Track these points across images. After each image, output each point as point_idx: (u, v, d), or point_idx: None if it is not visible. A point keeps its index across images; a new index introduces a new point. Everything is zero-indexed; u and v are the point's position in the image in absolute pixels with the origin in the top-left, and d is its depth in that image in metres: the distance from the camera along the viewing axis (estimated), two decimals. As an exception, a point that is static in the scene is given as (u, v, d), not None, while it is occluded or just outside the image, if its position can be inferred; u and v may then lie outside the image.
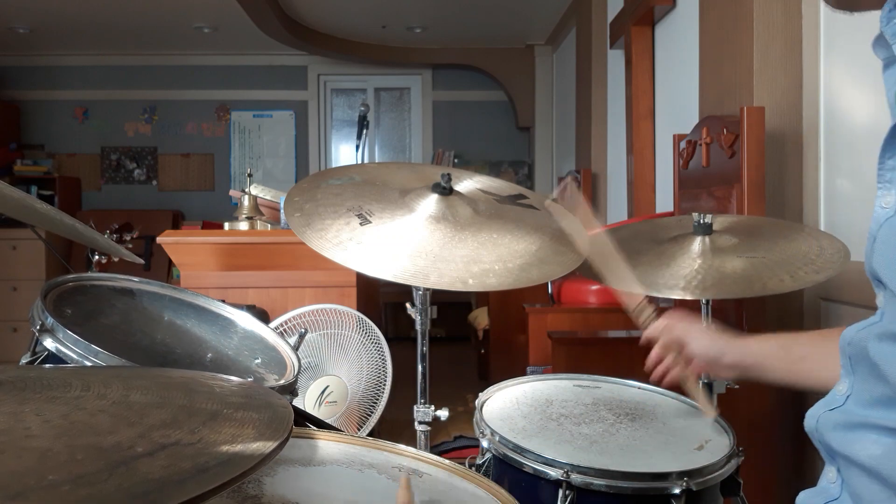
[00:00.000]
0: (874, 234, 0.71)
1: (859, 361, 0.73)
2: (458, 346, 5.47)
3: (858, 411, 0.71)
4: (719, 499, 1.01)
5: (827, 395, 0.78)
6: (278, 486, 0.75)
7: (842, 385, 0.76)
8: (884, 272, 0.68)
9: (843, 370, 0.76)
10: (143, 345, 1.07)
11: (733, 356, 1.03)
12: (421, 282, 1.07)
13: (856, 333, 0.74)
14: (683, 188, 2.55)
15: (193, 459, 0.39)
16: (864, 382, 0.72)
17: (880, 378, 0.68)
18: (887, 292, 0.69)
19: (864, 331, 0.72)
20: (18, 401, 0.44)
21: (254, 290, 2.31)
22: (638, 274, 1.36)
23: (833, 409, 0.75)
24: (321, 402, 1.93)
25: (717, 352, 1.04)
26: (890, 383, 0.66)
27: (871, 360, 0.69)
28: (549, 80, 6.20)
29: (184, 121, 6.49)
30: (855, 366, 0.74)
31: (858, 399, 0.72)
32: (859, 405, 0.72)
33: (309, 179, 1.31)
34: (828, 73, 2.06)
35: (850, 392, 0.74)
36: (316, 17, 5.51)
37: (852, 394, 0.74)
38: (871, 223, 0.73)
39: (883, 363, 0.67)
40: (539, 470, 0.95)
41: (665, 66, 3.35)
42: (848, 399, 0.74)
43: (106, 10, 5.14)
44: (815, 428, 0.77)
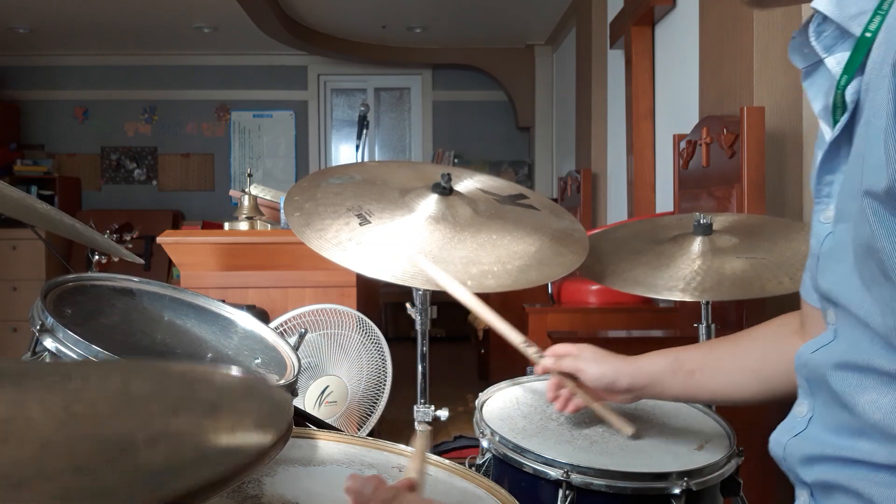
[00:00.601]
0: (817, 252, 0.70)
1: (819, 386, 0.70)
2: (458, 346, 5.47)
3: (826, 438, 0.68)
4: (719, 499, 1.01)
5: (787, 418, 0.75)
6: (278, 486, 0.75)
7: (801, 406, 0.74)
8: (835, 290, 0.66)
9: (801, 391, 0.74)
10: (143, 345, 1.07)
11: (627, 380, 0.99)
12: (420, 283, 1.07)
13: (810, 356, 0.71)
14: (683, 188, 2.55)
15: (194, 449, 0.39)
16: (826, 407, 0.69)
17: (844, 407, 0.65)
18: (839, 310, 0.67)
19: (819, 354, 0.70)
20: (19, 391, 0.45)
21: (254, 290, 2.31)
22: (637, 275, 1.36)
23: (798, 435, 0.72)
24: (321, 402, 1.93)
25: (610, 378, 0.99)
26: (857, 415, 0.64)
27: (833, 390, 0.67)
28: (549, 80, 6.20)
29: (184, 121, 6.49)
30: (814, 390, 0.71)
31: (823, 423, 0.70)
32: (826, 430, 0.69)
33: (309, 178, 1.31)
34: (828, 74, 2.06)
35: (812, 414, 0.72)
36: (316, 17, 5.51)
37: (814, 416, 0.71)
38: (812, 240, 0.72)
39: (847, 395, 0.65)
40: (539, 470, 0.95)
41: (665, 66, 3.35)
42: (811, 422, 0.72)
43: (106, 10, 5.14)
44: (782, 457, 0.74)
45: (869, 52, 0.59)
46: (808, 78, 0.71)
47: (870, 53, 0.59)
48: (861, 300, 0.62)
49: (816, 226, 0.70)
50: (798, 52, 0.70)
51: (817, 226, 0.70)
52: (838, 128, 0.63)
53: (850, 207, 0.62)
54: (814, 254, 0.71)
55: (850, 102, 0.62)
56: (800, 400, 0.74)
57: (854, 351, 0.64)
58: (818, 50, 0.64)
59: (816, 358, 0.70)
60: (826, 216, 0.68)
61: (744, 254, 1.35)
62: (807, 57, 0.70)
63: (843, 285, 0.65)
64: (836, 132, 0.63)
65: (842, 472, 0.65)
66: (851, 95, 0.61)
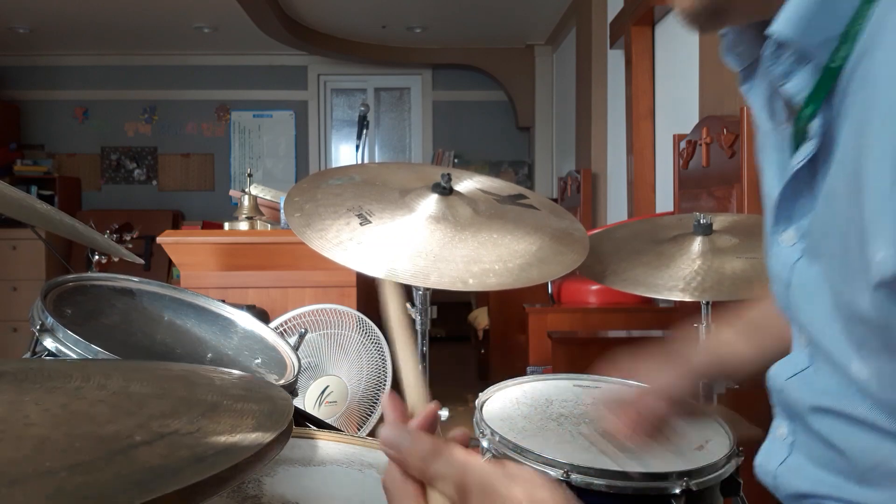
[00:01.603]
0: (786, 280, 0.64)
1: (797, 417, 0.66)
2: (458, 346, 5.47)
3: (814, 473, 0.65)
4: (719, 499, 1.01)
5: (768, 440, 0.71)
6: (278, 486, 0.75)
7: (781, 428, 0.69)
8: (813, 330, 0.61)
9: (778, 411, 0.70)
10: (143, 345, 1.07)
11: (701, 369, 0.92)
12: (421, 282, 1.07)
13: (785, 383, 0.67)
14: (683, 188, 2.55)
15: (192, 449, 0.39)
16: (807, 437, 0.65)
17: (831, 447, 0.62)
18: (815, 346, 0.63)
19: (795, 383, 0.66)
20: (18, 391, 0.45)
21: (254, 290, 2.31)
22: (637, 275, 1.36)
23: (784, 464, 0.68)
24: (321, 402, 1.93)
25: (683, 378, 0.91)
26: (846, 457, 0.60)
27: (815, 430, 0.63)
28: (549, 80, 6.20)
29: (184, 121, 6.49)
30: (792, 418, 0.68)
31: (807, 454, 0.66)
32: (810, 462, 0.65)
33: (309, 179, 1.31)
34: (828, 74, 2.05)
35: (794, 440, 0.68)
36: (316, 17, 5.51)
37: (795, 442, 0.67)
38: (772, 261, 0.66)
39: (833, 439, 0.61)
40: (539, 470, 0.95)
41: (665, 66, 3.35)
42: (793, 448, 0.68)
43: (106, 10, 5.14)
44: (773, 486, 0.70)
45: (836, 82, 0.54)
46: (746, 81, 0.66)
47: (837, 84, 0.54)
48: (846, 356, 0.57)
49: (776, 247, 0.65)
50: (732, 53, 0.65)
51: (778, 248, 0.65)
52: (802, 158, 0.58)
53: (825, 248, 0.58)
54: (781, 279, 0.65)
55: (817, 136, 0.56)
56: (777, 421, 0.70)
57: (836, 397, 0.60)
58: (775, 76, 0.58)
59: (792, 389, 0.66)
60: (787, 238, 0.63)
61: (744, 254, 1.35)
62: (742, 58, 0.64)
63: (820, 327, 0.60)
64: (801, 162, 0.58)
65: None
66: (818, 129, 0.56)
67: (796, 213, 0.62)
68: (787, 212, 0.63)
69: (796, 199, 0.62)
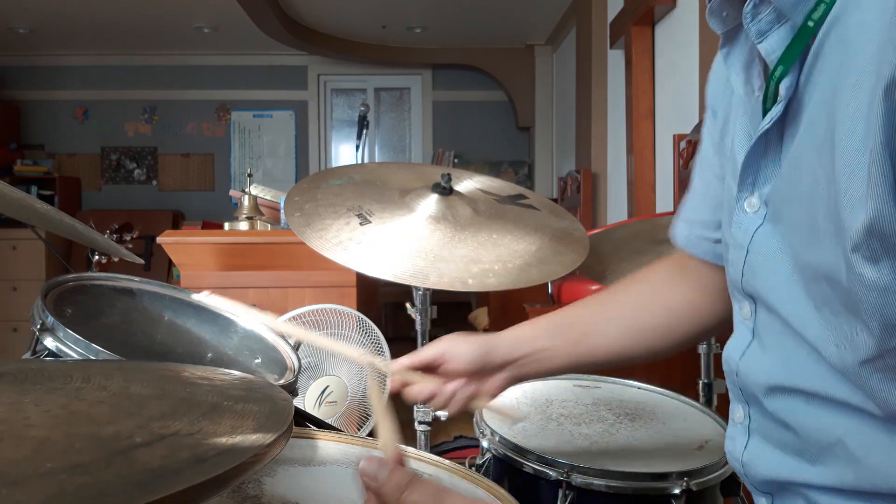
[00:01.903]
0: (744, 245, 0.64)
1: (752, 399, 0.67)
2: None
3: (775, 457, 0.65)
4: (719, 499, 1.01)
5: (729, 425, 0.71)
6: (278, 486, 0.75)
7: (737, 412, 0.70)
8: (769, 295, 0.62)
9: (733, 395, 0.70)
10: (143, 345, 1.07)
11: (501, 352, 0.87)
12: (421, 282, 1.07)
13: (738, 364, 0.67)
14: (683, 188, 2.55)
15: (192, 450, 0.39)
16: (763, 418, 0.66)
17: (785, 427, 0.62)
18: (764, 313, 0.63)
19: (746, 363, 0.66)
20: (18, 391, 0.45)
21: (254, 290, 2.31)
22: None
23: (746, 449, 0.69)
24: (321, 402, 1.93)
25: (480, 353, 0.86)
26: (801, 437, 0.61)
27: (769, 411, 0.63)
28: (549, 80, 6.20)
29: (184, 121, 6.49)
30: (748, 399, 0.68)
31: (766, 437, 0.66)
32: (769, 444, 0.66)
33: (309, 179, 1.31)
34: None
35: (750, 422, 0.68)
36: (316, 17, 5.51)
37: (752, 425, 0.68)
38: (734, 228, 0.66)
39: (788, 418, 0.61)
40: (539, 470, 0.95)
41: (665, 66, 3.35)
42: (751, 432, 0.68)
43: (106, 10, 5.14)
44: (742, 473, 0.70)
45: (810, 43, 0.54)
46: (726, 45, 0.66)
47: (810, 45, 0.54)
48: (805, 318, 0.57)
49: (740, 214, 0.64)
50: (716, 16, 0.65)
51: (741, 214, 0.64)
52: (769, 120, 0.58)
53: (786, 214, 0.58)
54: (739, 245, 0.65)
55: (785, 97, 0.56)
56: (733, 405, 0.70)
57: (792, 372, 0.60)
58: (752, 34, 0.58)
59: (745, 369, 0.66)
60: (751, 204, 0.63)
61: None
62: (726, 21, 0.64)
63: (780, 293, 0.60)
64: (767, 124, 0.59)
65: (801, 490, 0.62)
66: (787, 90, 0.56)
67: (760, 179, 0.62)
68: (752, 177, 0.63)
69: (761, 164, 0.62)
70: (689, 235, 0.85)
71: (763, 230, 0.62)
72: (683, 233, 0.86)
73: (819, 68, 0.54)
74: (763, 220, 0.62)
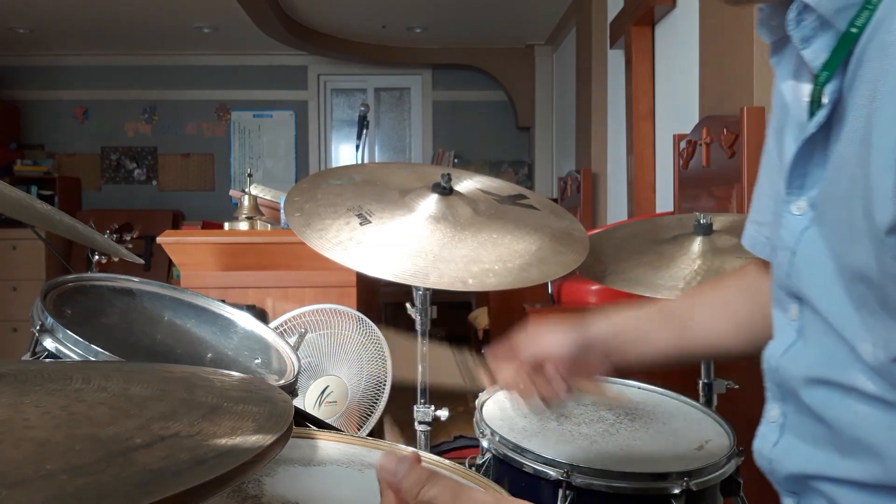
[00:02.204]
0: (791, 247, 0.66)
1: (790, 394, 0.67)
2: (458, 346, 5.46)
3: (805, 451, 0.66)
4: (719, 499, 1.01)
5: (762, 424, 0.72)
6: (278, 486, 0.75)
7: (772, 410, 0.71)
8: (812, 295, 0.63)
9: (770, 393, 0.71)
10: (143, 345, 1.07)
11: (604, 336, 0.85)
12: (421, 282, 1.07)
13: (780, 361, 0.68)
14: (683, 188, 2.55)
15: (192, 451, 0.39)
16: (799, 415, 0.67)
17: (820, 421, 0.63)
18: (809, 312, 0.64)
19: (788, 359, 0.67)
20: (18, 393, 0.45)
21: (254, 290, 2.31)
22: (637, 275, 1.36)
23: (776, 446, 0.69)
24: (321, 402, 1.93)
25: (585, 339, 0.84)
26: (834, 430, 0.61)
27: (806, 404, 0.64)
28: (549, 80, 6.20)
29: (184, 121, 6.49)
30: (785, 396, 0.69)
31: (798, 433, 0.67)
32: (802, 440, 0.66)
33: (309, 179, 1.31)
34: (828, 73, 2.06)
35: (784, 421, 0.69)
36: (316, 17, 5.51)
37: (786, 423, 0.69)
38: (782, 230, 0.67)
39: (824, 412, 0.62)
40: (539, 470, 0.95)
41: (665, 66, 3.35)
42: (784, 430, 0.69)
43: (106, 10, 5.14)
44: (769, 470, 0.71)
45: (853, 49, 0.56)
46: (776, 54, 0.67)
47: (853, 50, 0.56)
48: (845, 317, 0.59)
49: (788, 217, 0.66)
50: (765, 26, 0.66)
51: (789, 217, 0.66)
52: (815, 124, 0.60)
53: (830, 216, 0.60)
54: (786, 247, 0.66)
55: (830, 102, 0.58)
56: (769, 404, 0.71)
57: (831, 367, 0.61)
58: (795, 40, 0.59)
59: (786, 364, 0.67)
60: (798, 207, 0.65)
61: (744, 254, 1.35)
62: (774, 31, 0.66)
63: (822, 293, 0.62)
64: (813, 129, 0.60)
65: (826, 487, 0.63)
66: (831, 94, 0.58)
67: (807, 183, 0.64)
68: (800, 181, 0.65)
69: (808, 167, 0.64)
70: (756, 237, 0.85)
71: (809, 233, 0.64)
72: (751, 234, 0.86)
73: (862, 73, 0.55)
74: (810, 223, 0.64)
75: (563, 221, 1.35)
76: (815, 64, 0.59)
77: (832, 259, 0.60)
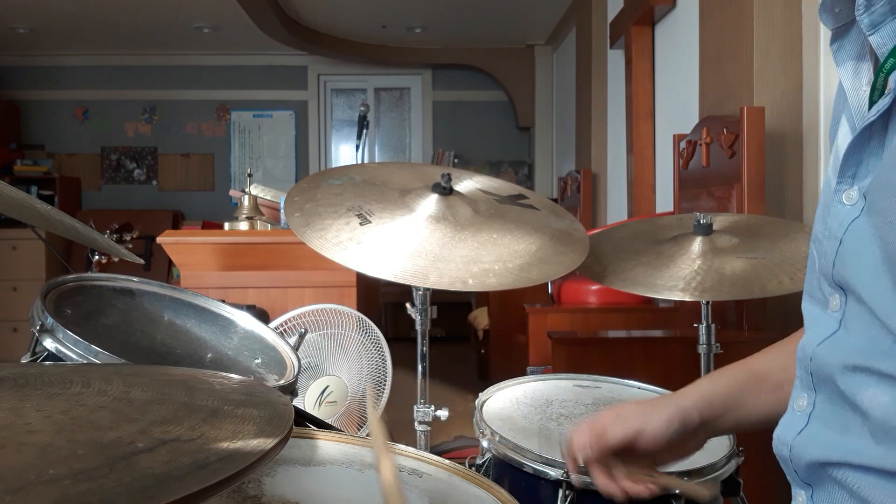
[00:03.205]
0: (839, 237, 0.65)
1: (824, 382, 0.67)
2: (458, 346, 5.47)
3: (831, 438, 0.66)
4: (719, 499, 1.01)
5: (787, 413, 0.72)
6: (278, 486, 0.75)
7: (800, 399, 0.70)
8: (857, 283, 0.63)
9: (801, 382, 0.70)
10: (143, 345, 1.07)
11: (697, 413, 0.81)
12: (421, 282, 1.07)
13: (816, 349, 0.68)
14: (683, 188, 2.55)
15: (194, 455, 0.39)
16: (830, 404, 0.67)
17: (854, 409, 0.63)
18: (853, 301, 0.64)
19: (825, 347, 0.67)
20: (19, 397, 0.45)
21: (254, 290, 2.31)
22: (637, 275, 1.36)
23: (801, 433, 0.69)
24: (321, 402, 1.93)
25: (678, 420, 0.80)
26: (869, 417, 0.61)
27: (841, 391, 0.64)
28: (549, 80, 6.20)
29: (184, 121, 6.49)
30: (818, 385, 0.68)
31: (825, 421, 0.67)
32: (828, 428, 0.66)
33: (309, 179, 1.31)
34: (828, 73, 2.06)
35: (813, 409, 0.69)
36: (316, 17, 5.51)
37: (815, 411, 0.68)
38: (830, 219, 0.67)
39: (860, 399, 0.62)
40: (539, 470, 0.95)
41: (665, 66, 3.35)
42: (811, 418, 0.68)
43: (106, 10, 5.14)
44: (787, 457, 0.70)
45: None
46: (837, 40, 0.67)
47: None
48: (890, 307, 0.59)
49: (838, 206, 0.65)
50: (829, 12, 0.66)
51: (839, 206, 0.65)
52: (876, 112, 0.60)
53: (882, 204, 0.60)
54: (834, 236, 0.66)
55: (894, 89, 0.58)
56: (797, 393, 0.71)
57: (872, 355, 0.61)
58: (864, 25, 0.59)
59: (823, 352, 0.67)
60: (849, 197, 0.64)
61: (744, 254, 1.35)
62: (838, 17, 0.66)
63: (867, 281, 0.62)
64: (873, 116, 0.60)
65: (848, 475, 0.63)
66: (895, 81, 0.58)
67: (861, 172, 0.64)
68: (853, 169, 0.64)
69: (863, 156, 0.64)
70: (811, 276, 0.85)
71: (858, 222, 0.63)
72: None
73: None
74: (860, 213, 0.63)
75: (563, 221, 1.35)
76: (883, 50, 0.59)
77: (880, 248, 0.60)
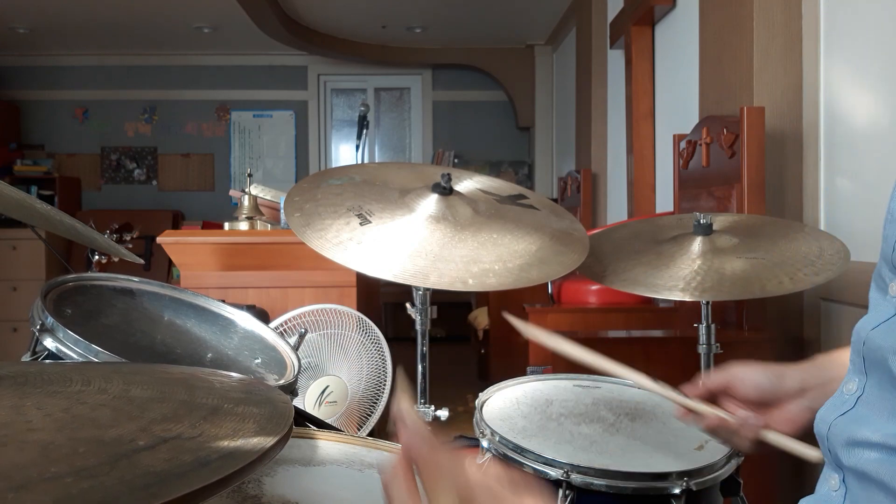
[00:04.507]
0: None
1: (876, 366, 0.66)
2: (458, 346, 5.47)
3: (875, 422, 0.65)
4: (719, 499, 1.01)
5: (835, 395, 0.72)
6: (278, 486, 0.75)
7: (851, 383, 0.70)
8: None
9: (854, 366, 0.70)
10: (144, 345, 1.07)
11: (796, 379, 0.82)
12: (421, 282, 1.07)
13: (870, 332, 0.67)
14: (683, 188, 2.55)
15: (195, 453, 0.39)
16: (879, 389, 0.66)
17: None
18: None
19: (880, 331, 0.66)
20: (19, 395, 0.45)
21: (254, 290, 2.31)
22: (637, 275, 1.36)
23: (845, 414, 0.68)
24: (321, 402, 1.93)
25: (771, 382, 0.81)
26: None
27: (893, 375, 0.63)
28: (549, 80, 6.20)
29: (184, 121, 6.50)
30: (870, 369, 0.67)
31: (872, 406, 0.66)
32: (874, 412, 0.66)
33: (309, 179, 1.31)
34: (828, 73, 2.06)
35: (861, 393, 0.68)
36: (316, 17, 5.51)
37: (863, 395, 0.68)
38: (892, 202, 0.66)
39: None
40: (539, 470, 0.95)
41: (665, 66, 3.35)
42: (858, 401, 0.68)
43: (106, 10, 5.14)
44: (825, 436, 0.70)
45: None
46: None
47: None
48: None
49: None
50: None
51: None
52: None
53: None
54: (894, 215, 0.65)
55: None
56: (849, 377, 0.70)
57: None
58: None
59: (877, 336, 0.66)
60: None
61: (744, 254, 1.35)
62: None
63: None
64: None
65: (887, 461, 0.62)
66: None
67: None
68: None
69: None
70: None
71: None
72: None
73: None
74: None
75: (563, 221, 1.35)
76: None
77: None
